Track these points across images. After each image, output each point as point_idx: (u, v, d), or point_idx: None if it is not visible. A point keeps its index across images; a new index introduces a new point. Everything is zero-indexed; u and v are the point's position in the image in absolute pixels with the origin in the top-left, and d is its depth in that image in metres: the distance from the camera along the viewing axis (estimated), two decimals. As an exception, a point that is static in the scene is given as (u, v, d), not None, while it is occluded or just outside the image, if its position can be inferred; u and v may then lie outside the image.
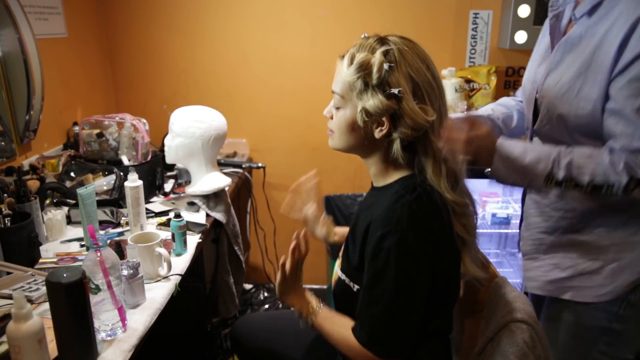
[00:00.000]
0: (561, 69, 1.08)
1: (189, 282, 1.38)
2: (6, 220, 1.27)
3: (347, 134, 1.01)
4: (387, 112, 0.93)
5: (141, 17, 2.38)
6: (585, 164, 0.99)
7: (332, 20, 2.32)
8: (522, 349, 0.92)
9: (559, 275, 1.16)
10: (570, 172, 1.00)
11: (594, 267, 1.12)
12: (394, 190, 0.98)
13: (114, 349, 0.98)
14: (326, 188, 2.52)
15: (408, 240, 0.91)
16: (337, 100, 1.01)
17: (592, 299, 1.13)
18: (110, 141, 1.87)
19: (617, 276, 1.10)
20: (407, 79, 0.92)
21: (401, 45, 0.94)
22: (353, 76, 0.95)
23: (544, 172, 1.01)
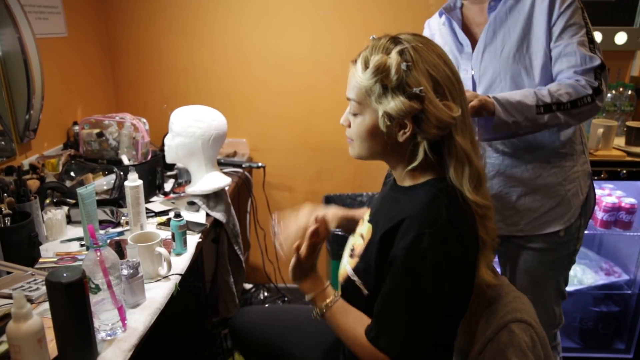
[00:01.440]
0: (499, 41, 1.34)
1: (189, 281, 1.38)
2: (6, 220, 1.27)
3: (368, 141, 0.97)
4: (410, 113, 0.90)
5: (141, 17, 2.38)
6: (559, 89, 1.24)
7: (332, 20, 2.32)
8: (522, 349, 0.92)
9: (533, 216, 1.40)
10: (552, 96, 1.23)
11: (557, 201, 1.39)
12: (425, 190, 0.95)
13: (114, 349, 0.98)
14: (326, 188, 2.52)
15: (446, 243, 0.88)
16: (353, 107, 0.97)
17: (561, 225, 1.39)
18: (110, 141, 1.87)
19: (572, 202, 1.39)
20: (426, 77, 0.90)
21: (415, 43, 0.91)
22: (370, 80, 0.91)
23: (533, 102, 1.23)
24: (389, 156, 1.00)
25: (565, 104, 1.23)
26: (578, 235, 1.43)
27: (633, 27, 2.17)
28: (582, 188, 1.41)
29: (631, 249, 2.13)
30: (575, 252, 1.46)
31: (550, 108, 1.23)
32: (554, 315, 1.48)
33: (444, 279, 0.89)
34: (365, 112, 0.95)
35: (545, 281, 1.45)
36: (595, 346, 2.17)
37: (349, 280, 1.04)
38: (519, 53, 1.32)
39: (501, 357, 0.93)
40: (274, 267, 2.65)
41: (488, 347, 0.97)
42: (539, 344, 0.95)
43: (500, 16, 1.34)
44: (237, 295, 1.92)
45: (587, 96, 1.23)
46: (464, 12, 1.44)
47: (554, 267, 1.44)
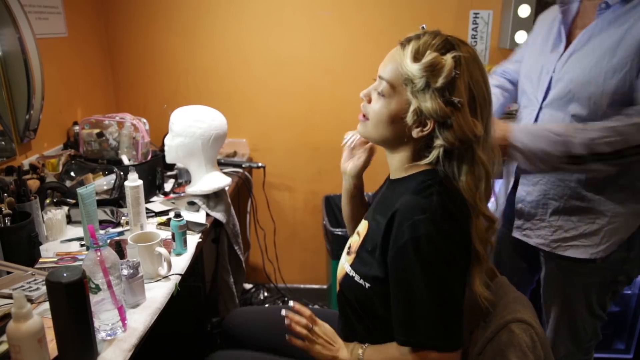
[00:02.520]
0: (587, 49, 1.21)
1: (189, 281, 1.38)
2: (6, 220, 1.27)
3: (385, 125, 0.97)
4: (441, 118, 0.90)
5: (141, 17, 2.38)
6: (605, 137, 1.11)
7: (332, 20, 2.32)
8: (522, 349, 0.92)
9: (562, 235, 1.32)
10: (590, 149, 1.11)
11: (592, 229, 1.28)
12: (418, 181, 0.96)
13: (114, 349, 0.98)
14: (326, 188, 2.52)
15: (442, 223, 0.89)
16: (384, 87, 0.96)
17: (588, 255, 1.29)
18: (111, 141, 1.87)
19: (610, 237, 1.27)
20: (467, 90, 0.91)
21: (467, 54, 0.92)
22: (417, 73, 0.91)
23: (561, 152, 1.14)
24: (396, 145, 1.00)
25: (607, 155, 1.12)
26: (623, 268, 1.31)
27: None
28: (627, 226, 1.27)
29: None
30: (617, 284, 1.34)
31: (579, 162, 1.13)
32: (584, 332, 1.39)
33: (453, 254, 0.90)
34: (394, 97, 0.95)
35: (577, 301, 1.37)
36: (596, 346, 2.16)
37: (347, 277, 1.05)
38: (600, 70, 1.17)
39: (501, 357, 0.93)
40: (274, 267, 2.65)
41: (488, 347, 0.97)
42: (539, 344, 0.95)
43: (602, 24, 1.20)
44: (237, 295, 1.92)
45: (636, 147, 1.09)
46: (580, 9, 1.31)
47: (587, 290, 1.35)
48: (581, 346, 1.42)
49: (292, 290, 2.66)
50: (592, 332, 1.40)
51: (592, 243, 1.29)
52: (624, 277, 1.33)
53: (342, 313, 1.13)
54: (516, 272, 1.41)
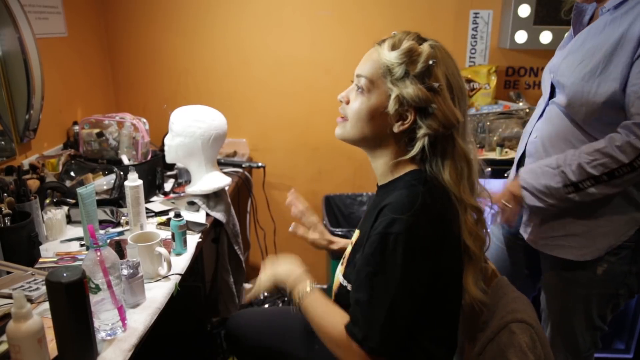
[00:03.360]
0: (582, 52, 1.20)
1: (189, 281, 1.38)
2: (6, 220, 1.27)
3: (365, 122, 0.97)
4: (423, 102, 0.91)
5: (141, 17, 2.38)
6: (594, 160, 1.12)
7: (332, 20, 2.32)
8: (522, 349, 0.92)
9: (550, 234, 1.31)
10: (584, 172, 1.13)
11: (580, 230, 1.27)
12: (404, 182, 0.96)
13: (114, 349, 0.98)
14: (326, 188, 2.52)
15: (419, 228, 0.88)
16: (362, 83, 0.97)
17: (574, 257, 1.28)
18: (110, 140, 1.87)
19: (598, 241, 1.25)
20: (444, 78, 0.93)
21: (441, 46, 0.96)
22: (395, 60, 0.93)
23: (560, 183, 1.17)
24: (377, 145, 1.00)
25: (600, 177, 1.12)
26: (625, 282, 1.28)
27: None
28: (617, 233, 1.24)
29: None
30: (618, 297, 1.30)
31: (578, 187, 1.15)
32: (583, 343, 1.36)
33: (416, 264, 0.89)
34: (374, 91, 0.96)
35: (576, 311, 1.34)
36: (595, 346, 2.16)
37: (341, 288, 1.04)
38: (592, 75, 1.16)
39: (501, 357, 0.93)
40: (274, 267, 2.65)
41: (488, 347, 0.97)
42: (539, 344, 0.95)
43: (598, 25, 1.19)
44: (237, 295, 1.92)
45: (624, 165, 1.09)
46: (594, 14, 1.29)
47: (587, 302, 1.32)
48: (580, 355, 1.40)
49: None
50: (591, 342, 1.38)
51: (578, 245, 1.27)
52: (625, 290, 1.30)
53: None
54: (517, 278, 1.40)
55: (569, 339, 1.38)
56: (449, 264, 0.95)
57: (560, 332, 1.40)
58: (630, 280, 1.28)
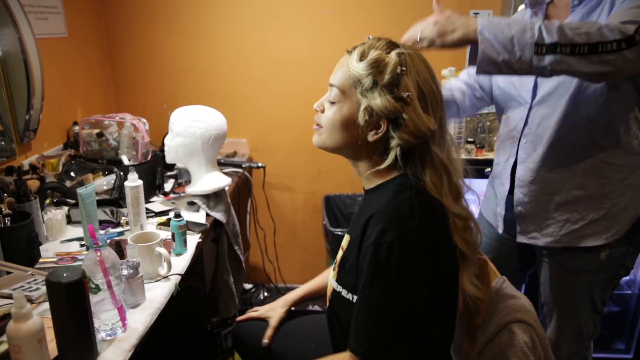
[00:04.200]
0: None
1: (189, 281, 1.38)
2: (6, 220, 1.27)
3: (339, 132, 0.97)
4: (392, 113, 0.90)
5: (141, 17, 2.38)
6: (578, 26, 1.03)
7: (332, 20, 2.32)
8: (522, 349, 0.92)
9: (572, 227, 1.30)
10: (563, 35, 1.02)
11: (600, 214, 1.27)
12: (390, 188, 0.95)
13: (114, 349, 0.98)
14: (326, 188, 2.52)
15: (411, 234, 0.87)
16: (334, 94, 0.97)
17: (603, 240, 1.28)
18: (110, 141, 1.87)
19: (619, 217, 1.27)
20: (415, 86, 0.91)
21: (412, 52, 0.94)
22: (363, 71, 0.92)
23: (532, 39, 1.03)
24: (354, 153, 1.00)
25: (580, 47, 1.02)
26: (624, 262, 1.32)
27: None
28: (635, 203, 1.27)
29: (631, 249, 2.13)
30: (618, 277, 1.35)
31: (554, 49, 1.03)
32: (587, 329, 1.40)
33: (412, 271, 0.88)
34: (345, 101, 0.95)
35: (580, 299, 1.37)
36: (595, 346, 2.15)
37: (334, 293, 1.03)
38: None
39: (501, 357, 0.93)
40: (274, 267, 2.65)
41: (488, 347, 0.97)
42: (539, 344, 0.95)
43: (576, 18, 1.21)
44: (237, 295, 1.92)
45: (612, 42, 1.01)
46: (550, 9, 1.32)
47: (591, 287, 1.35)
48: (583, 343, 1.44)
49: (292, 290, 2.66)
50: (594, 327, 1.41)
51: (603, 228, 1.28)
52: (624, 271, 1.35)
53: (330, 332, 1.11)
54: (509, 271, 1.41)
55: (574, 330, 1.40)
56: (446, 263, 0.94)
57: (566, 324, 1.41)
58: (627, 260, 1.33)
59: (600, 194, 1.26)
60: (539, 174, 1.31)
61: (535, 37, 1.04)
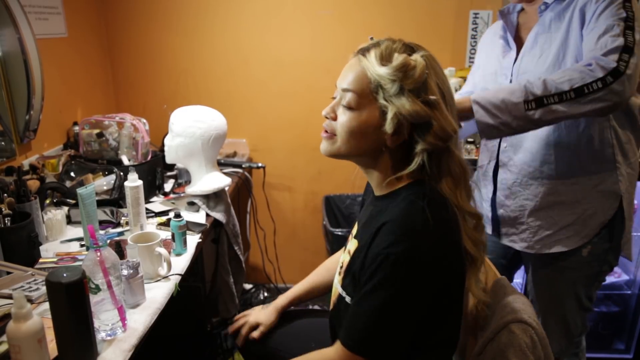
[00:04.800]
0: (538, 48, 1.28)
1: (189, 282, 1.38)
2: (6, 220, 1.27)
3: (357, 139, 0.93)
4: (422, 118, 0.88)
5: (141, 17, 2.38)
6: (560, 76, 1.10)
7: (332, 20, 2.32)
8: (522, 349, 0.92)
9: (545, 233, 1.34)
10: (547, 87, 1.09)
11: (572, 219, 1.31)
12: (403, 195, 0.93)
13: (114, 349, 0.98)
14: (326, 188, 2.52)
15: (420, 248, 0.86)
16: (351, 99, 0.92)
17: (574, 245, 1.32)
18: (110, 141, 1.87)
19: (588, 222, 1.30)
20: (437, 89, 0.90)
21: (429, 53, 0.92)
22: (389, 76, 0.88)
23: (520, 98, 1.11)
24: (370, 160, 0.96)
25: (567, 93, 1.08)
26: (607, 258, 1.34)
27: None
28: (604, 209, 1.29)
29: (631, 249, 2.13)
30: (602, 274, 1.37)
31: (542, 102, 1.09)
32: (575, 326, 1.43)
33: (416, 285, 0.87)
34: (365, 107, 0.91)
35: (566, 296, 1.40)
36: (595, 346, 2.16)
37: (340, 299, 1.02)
38: (555, 61, 1.23)
39: (501, 357, 0.93)
40: (274, 268, 2.65)
41: (488, 347, 0.97)
42: (539, 345, 0.95)
43: (545, 22, 1.27)
44: (237, 296, 1.92)
45: (597, 80, 1.05)
46: (520, 17, 1.39)
47: (576, 284, 1.38)
48: (572, 340, 1.46)
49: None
50: (582, 324, 1.44)
51: (574, 233, 1.31)
52: (607, 266, 1.36)
53: (332, 333, 1.11)
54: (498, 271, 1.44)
55: (562, 326, 1.42)
56: (452, 277, 0.93)
57: (553, 321, 1.42)
58: (610, 257, 1.34)
59: (573, 200, 1.30)
60: (518, 177, 1.35)
61: (522, 95, 1.10)
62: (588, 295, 1.39)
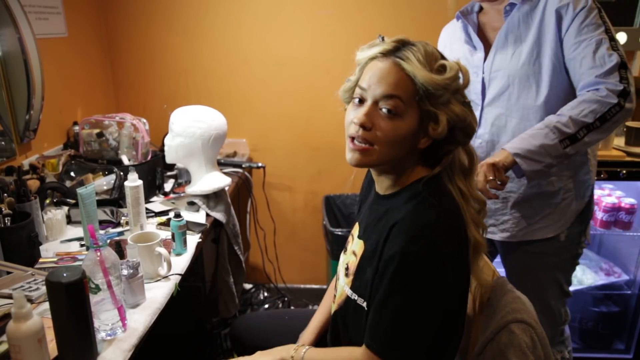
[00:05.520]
0: (509, 46, 1.35)
1: (189, 281, 1.38)
2: (6, 220, 1.27)
3: (399, 146, 0.91)
4: (466, 121, 0.92)
5: (141, 17, 2.38)
6: (581, 109, 1.20)
7: (332, 20, 2.32)
8: (522, 349, 0.92)
9: (526, 222, 1.42)
10: (576, 124, 1.19)
11: (551, 208, 1.40)
12: (411, 194, 0.93)
13: (114, 349, 0.98)
14: (326, 188, 2.52)
15: (437, 243, 0.86)
16: (395, 105, 0.89)
17: (553, 233, 1.40)
18: (110, 141, 1.87)
19: (566, 210, 1.40)
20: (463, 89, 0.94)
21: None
22: (444, 83, 0.88)
23: (556, 140, 1.21)
24: (399, 163, 0.96)
25: (593, 124, 1.19)
26: (579, 240, 1.44)
27: (633, 27, 2.17)
28: (579, 197, 1.40)
29: (631, 249, 2.13)
30: (578, 256, 1.47)
31: (576, 138, 1.20)
32: (559, 314, 1.50)
33: (441, 280, 0.87)
34: (408, 113, 0.90)
35: (548, 282, 1.46)
36: (595, 346, 2.17)
37: (349, 301, 1.01)
38: (529, 59, 1.31)
39: (501, 357, 0.93)
40: (274, 267, 2.65)
41: (488, 347, 0.97)
42: (539, 345, 0.95)
43: (513, 21, 1.34)
44: (237, 296, 1.92)
45: (614, 106, 1.18)
46: (481, 17, 1.46)
47: (556, 269, 1.45)
48: (557, 328, 1.53)
49: (292, 290, 2.66)
50: (564, 311, 1.53)
51: (553, 222, 1.40)
52: (581, 249, 1.46)
53: (333, 333, 1.11)
54: None
55: (546, 313, 1.45)
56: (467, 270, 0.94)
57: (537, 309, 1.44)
58: (582, 239, 1.45)
59: (552, 190, 1.38)
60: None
61: (557, 137, 1.20)
62: (567, 280, 1.49)
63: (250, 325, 1.36)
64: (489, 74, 1.39)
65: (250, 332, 1.32)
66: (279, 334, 1.28)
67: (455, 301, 0.92)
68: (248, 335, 1.32)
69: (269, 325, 1.35)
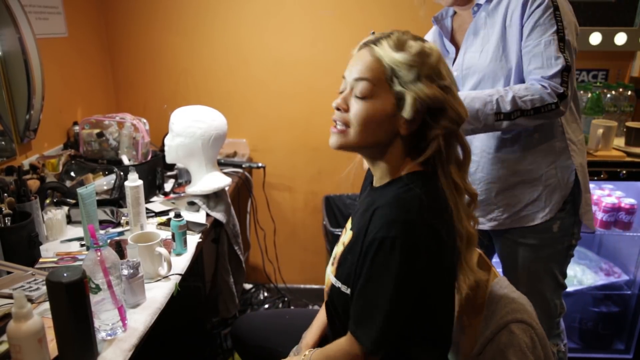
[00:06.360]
0: (477, 44, 1.40)
1: (189, 281, 1.38)
2: (6, 220, 1.27)
3: (372, 129, 0.93)
4: (439, 103, 0.91)
5: (141, 17, 2.38)
6: (524, 94, 1.26)
7: (332, 20, 2.32)
8: (522, 349, 0.92)
9: (513, 210, 1.45)
10: (516, 104, 1.26)
11: (534, 196, 1.42)
12: (400, 184, 0.94)
13: (114, 349, 0.98)
14: (326, 188, 2.52)
15: (416, 231, 0.87)
16: (364, 88, 0.92)
17: (539, 220, 1.43)
18: (111, 141, 1.87)
19: (552, 197, 1.42)
20: (447, 74, 0.94)
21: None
22: (407, 62, 0.90)
23: (492, 111, 1.27)
24: (381, 150, 0.97)
25: (528, 111, 1.26)
26: (573, 231, 1.46)
27: (633, 28, 2.18)
28: (563, 183, 1.42)
29: (631, 250, 2.13)
30: (572, 247, 1.48)
31: (510, 117, 1.26)
32: (554, 307, 1.52)
33: (412, 265, 0.87)
34: (379, 95, 0.92)
35: (543, 274, 1.48)
36: (595, 346, 2.17)
37: (333, 288, 1.02)
38: (496, 55, 1.36)
39: (501, 357, 0.93)
40: (274, 267, 2.65)
41: (488, 347, 0.97)
42: (539, 345, 0.95)
43: (480, 20, 1.39)
44: (237, 296, 1.92)
45: (551, 104, 1.25)
46: (455, 21, 1.50)
47: (550, 261, 1.47)
48: (553, 320, 1.54)
49: (292, 290, 2.66)
50: (560, 303, 1.54)
51: (538, 208, 1.42)
52: (574, 240, 1.48)
53: (331, 326, 1.12)
54: None
55: (542, 306, 1.46)
56: (445, 264, 0.94)
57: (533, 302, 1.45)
58: (575, 230, 1.47)
59: (534, 178, 1.41)
60: (480, 164, 1.46)
61: (495, 109, 1.26)
62: (562, 272, 1.50)
63: (251, 324, 1.36)
64: (461, 73, 1.43)
65: (251, 332, 1.33)
66: (280, 334, 1.29)
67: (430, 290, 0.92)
68: (249, 335, 1.32)
69: (270, 324, 1.35)
